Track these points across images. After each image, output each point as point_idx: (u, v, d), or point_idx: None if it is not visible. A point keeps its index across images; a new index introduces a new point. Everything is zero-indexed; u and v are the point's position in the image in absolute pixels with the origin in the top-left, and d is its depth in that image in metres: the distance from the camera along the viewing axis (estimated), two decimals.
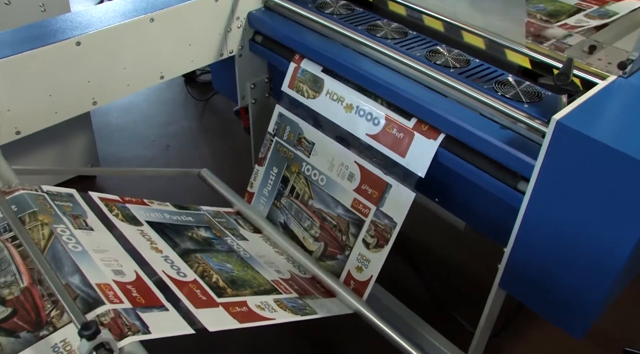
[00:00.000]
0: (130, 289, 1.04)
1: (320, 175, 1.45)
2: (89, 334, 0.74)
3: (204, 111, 2.70)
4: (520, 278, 1.14)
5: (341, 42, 1.45)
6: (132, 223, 1.22)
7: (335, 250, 1.41)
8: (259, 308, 1.08)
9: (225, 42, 1.59)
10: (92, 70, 1.37)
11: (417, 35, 1.44)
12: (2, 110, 1.28)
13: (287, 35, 1.51)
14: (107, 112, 2.63)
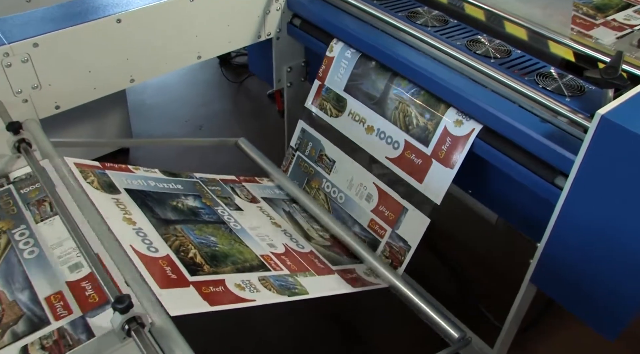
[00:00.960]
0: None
1: (340, 193, 1.47)
2: (122, 307, 0.75)
3: (238, 93, 2.71)
4: (553, 274, 1.12)
5: (380, 28, 1.43)
6: (108, 191, 1.17)
7: (341, 252, 1.36)
8: (239, 288, 1.00)
9: (264, 24, 1.59)
10: (131, 47, 1.38)
11: (458, 24, 1.42)
12: (44, 84, 1.30)
13: (326, 19, 1.50)
14: (142, 90, 2.65)
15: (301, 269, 1.16)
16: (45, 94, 1.32)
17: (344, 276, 1.20)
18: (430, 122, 1.29)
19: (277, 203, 1.45)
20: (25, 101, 1.30)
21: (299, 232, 1.34)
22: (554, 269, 1.11)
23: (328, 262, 1.24)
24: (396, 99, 1.36)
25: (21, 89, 1.28)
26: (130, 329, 0.77)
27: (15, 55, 1.23)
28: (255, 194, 1.45)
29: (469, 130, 1.21)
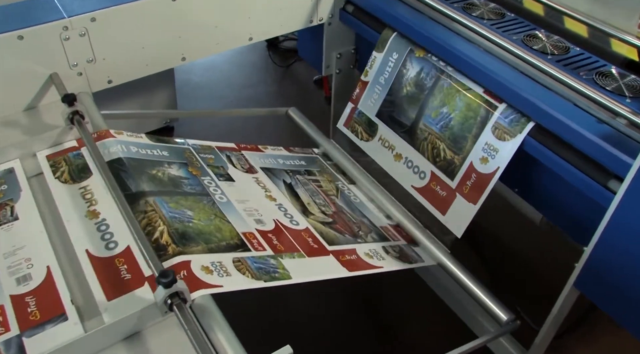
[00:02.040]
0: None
1: None
2: (166, 282, 0.77)
3: (284, 77, 2.71)
4: (599, 280, 1.09)
5: (434, 18, 1.41)
6: (77, 179, 1.13)
7: (343, 229, 1.26)
8: (206, 270, 0.90)
9: (316, 9, 1.58)
10: (185, 26, 1.39)
11: (515, 17, 1.38)
12: (98, 59, 1.32)
13: (379, 6, 1.48)
14: (189, 70, 2.68)
15: (289, 249, 1.07)
16: (99, 68, 1.34)
17: (339, 258, 1.11)
18: (457, 157, 1.29)
19: (278, 174, 1.38)
20: (79, 74, 1.33)
21: (297, 207, 1.26)
22: (601, 275, 1.08)
23: (324, 242, 1.15)
24: (426, 130, 1.37)
25: (77, 62, 1.30)
26: (173, 304, 0.78)
27: (74, 29, 1.26)
28: (253, 164, 1.38)
29: (494, 168, 1.21)
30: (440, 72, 1.35)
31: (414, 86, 1.41)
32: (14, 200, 1.08)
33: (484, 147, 1.24)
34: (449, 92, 1.33)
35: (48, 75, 1.28)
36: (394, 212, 1.38)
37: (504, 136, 1.20)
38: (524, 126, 1.17)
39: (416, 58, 1.41)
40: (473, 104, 1.27)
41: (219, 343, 0.79)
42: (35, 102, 1.31)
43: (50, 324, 0.85)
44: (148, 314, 0.83)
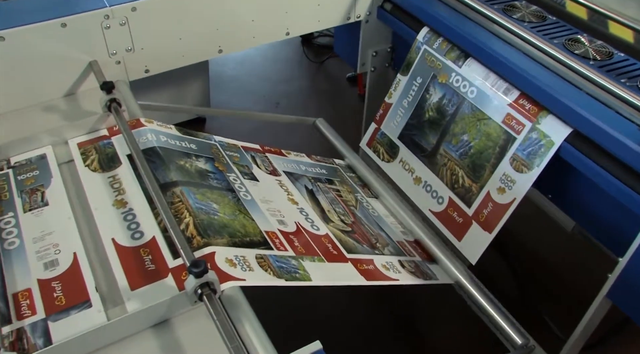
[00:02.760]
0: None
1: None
2: (198, 271, 0.77)
3: (317, 73, 2.71)
4: (635, 292, 1.06)
5: (473, 18, 1.39)
6: (107, 168, 1.13)
7: (361, 240, 1.26)
8: (229, 263, 0.90)
9: (354, 6, 1.57)
10: (222, 18, 1.40)
11: (557, 21, 1.36)
12: (137, 48, 1.34)
13: (418, 5, 1.47)
14: (223, 62, 2.70)
15: (310, 252, 1.06)
16: (137, 57, 1.36)
17: (357, 267, 1.11)
18: (475, 185, 1.29)
19: (300, 179, 1.37)
20: (118, 63, 1.34)
21: (317, 213, 1.25)
22: (636, 288, 1.05)
23: (343, 249, 1.14)
24: (446, 156, 1.37)
25: (116, 50, 1.32)
26: (203, 294, 0.78)
27: (115, 18, 1.27)
28: (276, 167, 1.37)
29: (511, 199, 1.21)
30: (461, 99, 1.35)
31: (436, 111, 1.42)
32: (45, 186, 1.10)
33: (501, 178, 1.24)
34: (469, 120, 1.33)
35: (88, 62, 1.30)
36: (414, 228, 1.38)
37: (522, 168, 1.20)
38: (542, 159, 1.17)
39: (439, 84, 1.41)
40: (492, 134, 1.27)
41: (246, 335, 0.79)
42: (75, 88, 1.33)
43: (75, 310, 0.86)
44: (177, 303, 0.83)
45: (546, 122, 1.17)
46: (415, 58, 1.48)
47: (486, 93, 1.30)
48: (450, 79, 1.39)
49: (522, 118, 1.22)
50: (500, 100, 1.27)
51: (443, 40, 1.42)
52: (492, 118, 1.28)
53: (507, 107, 1.25)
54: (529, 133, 1.20)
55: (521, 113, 1.23)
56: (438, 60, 1.42)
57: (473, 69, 1.34)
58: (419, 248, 1.33)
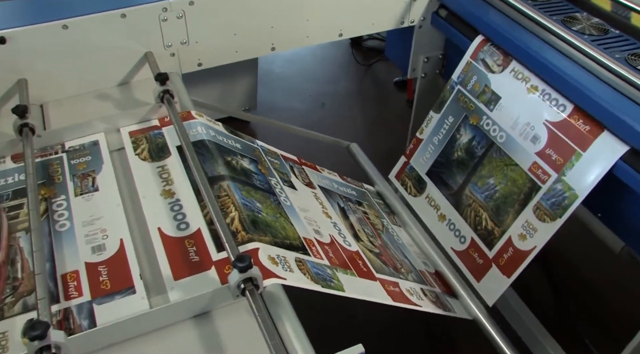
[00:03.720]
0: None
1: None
2: (242, 266, 0.77)
3: (365, 76, 2.70)
4: None
5: (531, 29, 1.36)
6: (156, 158, 1.15)
7: (388, 263, 1.25)
8: (272, 261, 0.90)
9: (409, 10, 1.56)
10: (278, 16, 1.41)
11: (620, 34, 1.32)
12: (191, 41, 1.36)
13: (474, 13, 1.45)
14: (272, 60, 2.72)
15: (342, 265, 1.07)
16: (191, 51, 1.38)
17: (385, 287, 1.11)
18: (497, 228, 1.29)
19: (333, 196, 1.38)
20: (172, 55, 1.37)
21: (349, 230, 1.26)
22: None
23: (372, 268, 1.15)
24: (471, 197, 1.37)
25: (171, 43, 1.34)
26: (245, 289, 0.79)
27: (172, 11, 1.29)
28: (312, 180, 1.38)
29: (531, 247, 1.21)
30: (490, 143, 1.36)
31: (464, 152, 1.42)
32: (96, 172, 1.12)
33: (523, 225, 1.24)
34: (496, 165, 1.33)
35: (143, 53, 1.33)
36: (437, 260, 1.38)
37: (544, 217, 1.20)
38: (564, 210, 1.16)
39: (470, 125, 1.41)
40: (518, 181, 1.27)
41: (286, 333, 0.79)
42: (129, 78, 1.36)
43: (119, 295, 0.87)
44: (219, 296, 0.84)
45: (572, 175, 1.17)
46: (448, 97, 1.49)
47: (515, 139, 1.31)
48: (481, 121, 1.39)
49: (548, 168, 1.23)
50: (528, 147, 1.27)
51: (476, 82, 1.42)
52: (519, 165, 1.29)
53: (534, 156, 1.26)
54: (554, 184, 1.20)
55: (548, 163, 1.23)
56: (471, 101, 1.43)
57: (504, 113, 1.34)
58: (439, 280, 1.34)
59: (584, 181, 1.15)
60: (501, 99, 1.35)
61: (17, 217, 1.02)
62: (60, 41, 1.24)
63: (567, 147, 1.20)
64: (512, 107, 1.33)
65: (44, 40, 1.23)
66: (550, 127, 1.24)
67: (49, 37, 1.23)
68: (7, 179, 1.10)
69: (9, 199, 1.05)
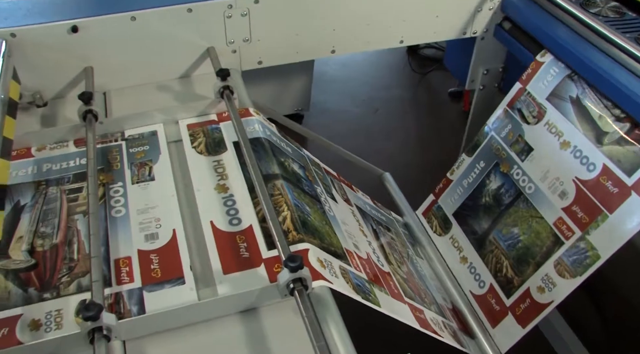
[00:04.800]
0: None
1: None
2: (294, 266, 0.78)
3: (419, 84, 2.68)
4: None
5: (599, 46, 1.32)
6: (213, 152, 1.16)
7: (414, 290, 1.24)
8: (320, 264, 0.91)
9: (472, 21, 1.54)
10: (340, 19, 1.41)
11: None
12: (254, 39, 1.37)
13: (540, 28, 1.42)
14: (326, 62, 2.73)
15: (377, 282, 1.06)
16: (252, 49, 1.39)
17: (413, 312, 1.10)
18: (517, 278, 1.29)
19: (367, 217, 1.39)
20: (234, 52, 1.39)
21: (381, 251, 1.25)
22: None
23: (402, 292, 1.14)
24: (494, 243, 1.37)
25: (234, 39, 1.36)
26: (294, 289, 0.79)
27: (237, 9, 1.31)
28: (349, 197, 1.39)
29: (548, 300, 1.20)
30: (519, 193, 1.35)
31: (492, 198, 1.42)
32: (153, 161, 1.14)
33: (543, 278, 1.23)
34: (522, 215, 1.33)
35: (206, 48, 1.35)
36: (457, 298, 1.37)
37: (565, 273, 1.19)
38: (585, 269, 1.14)
39: (500, 172, 1.41)
40: (542, 234, 1.27)
41: (331, 336, 0.79)
42: (190, 71, 1.38)
43: (169, 285, 0.88)
44: (267, 293, 0.84)
45: (596, 235, 1.15)
46: (482, 142, 1.49)
47: (543, 192, 1.30)
48: (511, 170, 1.39)
49: (573, 225, 1.21)
50: (555, 202, 1.26)
51: (510, 131, 1.42)
52: (545, 218, 1.28)
53: (561, 211, 1.25)
54: (577, 241, 1.19)
55: (573, 220, 1.22)
56: (503, 149, 1.43)
57: (535, 165, 1.34)
58: (456, 317, 1.32)
59: (608, 242, 1.13)
60: (533, 151, 1.36)
61: (76, 200, 1.05)
62: (128, 32, 1.27)
63: (594, 206, 1.18)
64: (543, 160, 1.33)
65: (112, 30, 1.27)
66: (579, 184, 1.23)
67: (117, 28, 1.26)
68: (69, 162, 1.13)
69: (69, 182, 1.09)
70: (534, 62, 1.42)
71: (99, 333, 0.75)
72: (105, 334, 0.75)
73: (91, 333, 0.75)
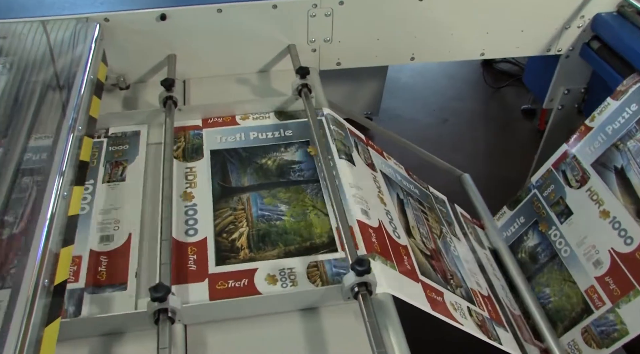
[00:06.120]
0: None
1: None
2: (361, 270, 0.77)
3: (492, 98, 2.63)
4: None
5: None
6: (188, 158, 1.14)
7: (437, 269, 1.14)
8: (269, 280, 0.89)
9: (559, 38, 1.49)
10: (423, 27, 1.40)
11: None
12: (334, 40, 1.38)
13: (635, 49, 1.36)
14: (400, 68, 2.71)
15: (384, 254, 0.95)
16: (332, 49, 1.40)
17: (426, 292, 0.98)
18: None
19: (394, 185, 1.28)
20: (313, 51, 1.39)
21: (402, 223, 1.15)
22: None
23: (418, 269, 1.03)
24: None
25: (315, 39, 1.37)
26: (359, 293, 0.78)
27: (322, 8, 1.32)
28: (375, 163, 1.27)
29: None
30: (554, 254, 1.36)
31: (528, 255, 1.45)
32: (129, 162, 1.13)
33: (570, 343, 1.25)
34: (556, 276, 1.34)
35: (287, 45, 1.37)
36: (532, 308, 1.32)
37: (591, 342, 1.19)
38: (612, 342, 1.13)
39: (538, 231, 1.45)
40: (573, 298, 1.28)
41: (391, 345, 0.78)
42: (268, 67, 1.40)
43: (111, 289, 0.88)
44: (330, 294, 0.84)
45: (626, 309, 1.14)
46: (524, 198, 1.51)
47: (578, 258, 1.30)
48: (549, 230, 1.39)
49: (604, 296, 1.21)
50: (589, 270, 1.26)
51: (552, 191, 1.41)
52: (577, 283, 1.28)
53: (593, 279, 1.24)
54: (607, 313, 1.19)
55: (605, 291, 1.21)
56: (544, 208, 1.42)
57: (573, 229, 1.33)
58: (489, 305, 1.21)
59: (638, 319, 1.11)
60: (573, 215, 1.35)
61: None
62: (213, 23, 1.30)
63: (627, 281, 1.16)
64: (581, 225, 1.33)
65: (198, 20, 1.30)
66: (614, 256, 1.21)
67: (203, 19, 1.29)
68: None
69: None
70: (582, 125, 1.40)
71: (164, 314, 0.77)
72: (170, 317, 0.77)
73: (157, 313, 0.77)
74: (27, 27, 1.23)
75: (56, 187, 0.84)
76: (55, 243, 0.78)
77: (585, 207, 1.32)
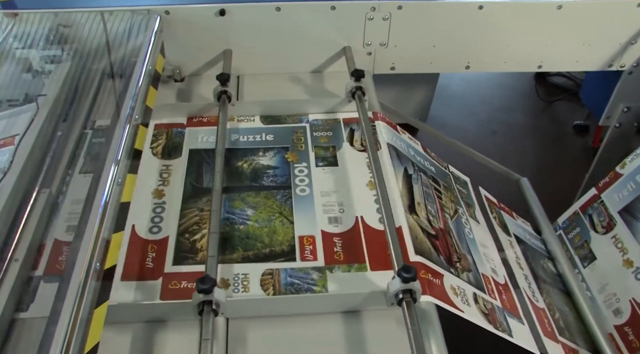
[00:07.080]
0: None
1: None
2: (407, 277, 0.77)
3: (543, 112, 2.58)
4: None
5: None
6: (166, 157, 1.13)
7: (441, 250, 1.05)
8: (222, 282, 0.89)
9: (622, 54, 1.45)
10: (480, 36, 1.38)
11: None
12: (390, 44, 1.37)
13: None
14: (451, 76, 2.68)
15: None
16: (387, 54, 1.39)
17: (420, 273, 0.89)
18: None
19: (403, 159, 1.20)
20: (369, 54, 1.39)
21: (404, 201, 1.07)
22: None
23: (412, 248, 0.96)
24: None
25: (371, 42, 1.37)
26: (403, 300, 0.78)
27: (380, 12, 1.31)
28: (380, 139, 1.19)
29: None
30: None
31: None
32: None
33: None
34: None
35: (342, 47, 1.37)
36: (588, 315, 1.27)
37: None
38: None
39: None
40: None
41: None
42: (322, 68, 1.40)
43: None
44: (373, 299, 0.83)
45: None
46: None
47: (598, 304, 1.29)
48: None
49: (622, 345, 1.20)
50: (609, 317, 1.25)
51: (578, 234, 1.41)
52: None
53: (612, 327, 1.24)
54: None
55: (623, 340, 1.21)
56: (568, 250, 1.42)
57: (595, 274, 1.33)
58: (504, 294, 1.11)
59: None
60: (596, 260, 1.34)
61: None
62: (271, 21, 1.31)
63: None
64: (604, 272, 1.31)
65: (256, 17, 1.31)
66: (635, 307, 1.19)
67: (262, 16, 1.30)
68: None
69: None
70: (612, 172, 1.39)
71: (209, 306, 0.78)
72: (214, 309, 0.78)
73: (201, 305, 0.78)
74: (86, 16, 1.27)
75: (111, 174, 0.86)
76: (107, 230, 0.80)
77: (609, 254, 1.31)
